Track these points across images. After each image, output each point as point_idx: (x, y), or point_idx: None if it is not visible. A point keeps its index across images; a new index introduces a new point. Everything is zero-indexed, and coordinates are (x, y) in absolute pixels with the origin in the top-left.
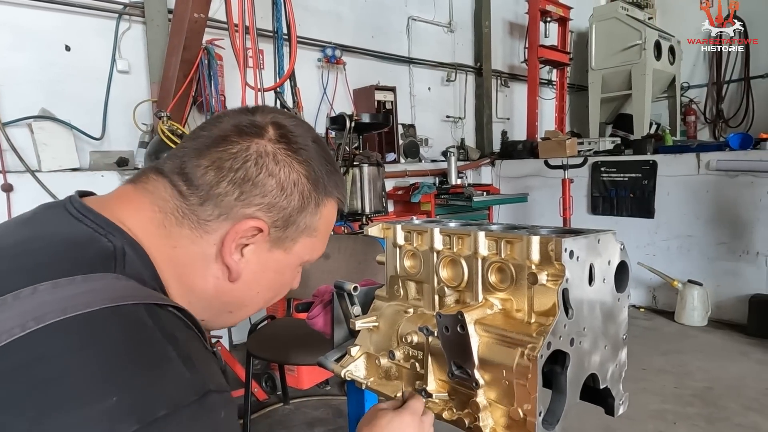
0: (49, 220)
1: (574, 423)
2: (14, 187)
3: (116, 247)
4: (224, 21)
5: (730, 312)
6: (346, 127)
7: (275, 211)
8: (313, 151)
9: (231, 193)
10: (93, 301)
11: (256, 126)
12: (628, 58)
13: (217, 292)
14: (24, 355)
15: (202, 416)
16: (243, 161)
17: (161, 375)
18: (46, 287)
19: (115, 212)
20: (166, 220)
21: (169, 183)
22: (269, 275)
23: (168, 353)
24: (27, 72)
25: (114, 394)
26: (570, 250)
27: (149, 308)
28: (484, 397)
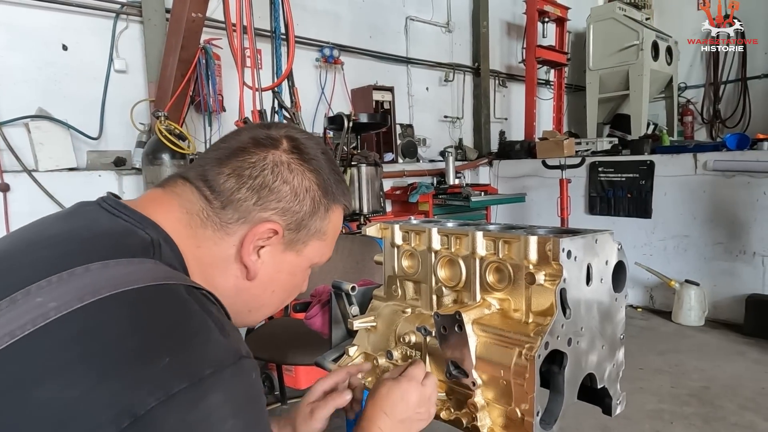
0: (88, 215)
1: (572, 423)
2: (11, 187)
3: (153, 238)
4: (222, 20)
5: (726, 312)
6: (344, 127)
7: (289, 215)
8: (323, 162)
9: (250, 199)
10: (140, 279)
11: (272, 138)
12: (625, 59)
13: (236, 290)
14: (84, 324)
15: (239, 376)
16: (261, 170)
17: (204, 341)
18: (96, 267)
19: (147, 211)
20: (192, 221)
21: (195, 188)
22: (283, 276)
23: (207, 323)
24: (24, 71)
25: (166, 356)
26: (567, 250)
27: (187, 288)
28: (481, 396)
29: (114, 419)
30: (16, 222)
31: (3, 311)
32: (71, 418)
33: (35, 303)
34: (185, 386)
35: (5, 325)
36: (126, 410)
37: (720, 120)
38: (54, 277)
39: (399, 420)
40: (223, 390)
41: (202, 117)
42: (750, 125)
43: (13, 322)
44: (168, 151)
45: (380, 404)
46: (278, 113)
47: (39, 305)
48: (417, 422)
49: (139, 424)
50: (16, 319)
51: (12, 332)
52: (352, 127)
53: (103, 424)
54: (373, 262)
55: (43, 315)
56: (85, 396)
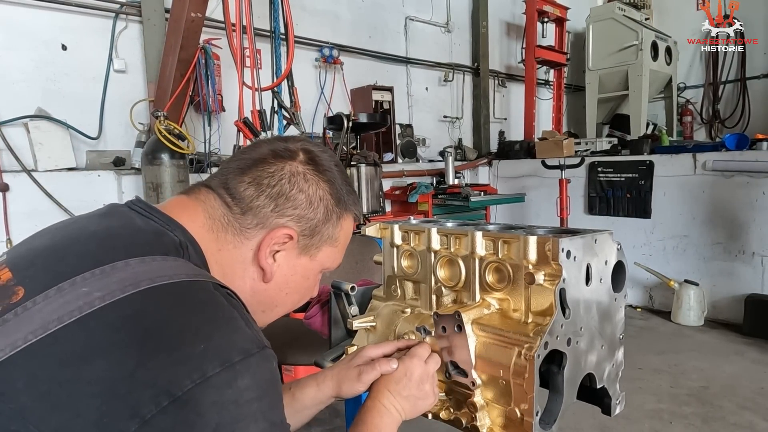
0: (123, 215)
1: (571, 422)
2: (10, 187)
3: (181, 240)
4: (221, 20)
5: (725, 312)
6: (344, 127)
7: (304, 222)
8: (336, 173)
9: (268, 206)
10: (175, 275)
11: (289, 150)
12: (624, 59)
13: (253, 291)
14: (126, 311)
15: (264, 363)
16: (278, 179)
17: (233, 330)
18: (135, 262)
19: (174, 215)
20: (214, 225)
21: (217, 195)
22: (297, 279)
23: (234, 315)
24: (23, 71)
25: (201, 342)
26: (567, 250)
27: (214, 285)
28: (481, 396)
29: (154, 398)
30: (15, 222)
31: (51, 299)
32: (116, 395)
33: (81, 292)
34: (218, 370)
35: (54, 312)
36: (165, 390)
37: (719, 120)
38: (97, 269)
39: (404, 396)
40: (250, 375)
41: (201, 117)
42: (749, 125)
43: (61, 309)
44: (167, 151)
45: (384, 381)
46: (278, 113)
47: (85, 294)
48: (421, 400)
49: (177, 403)
50: (63, 306)
51: (60, 318)
52: (351, 127)
53: (144, 402)
54: (372, 262)
55: (89, 303)
56: (129, 376)
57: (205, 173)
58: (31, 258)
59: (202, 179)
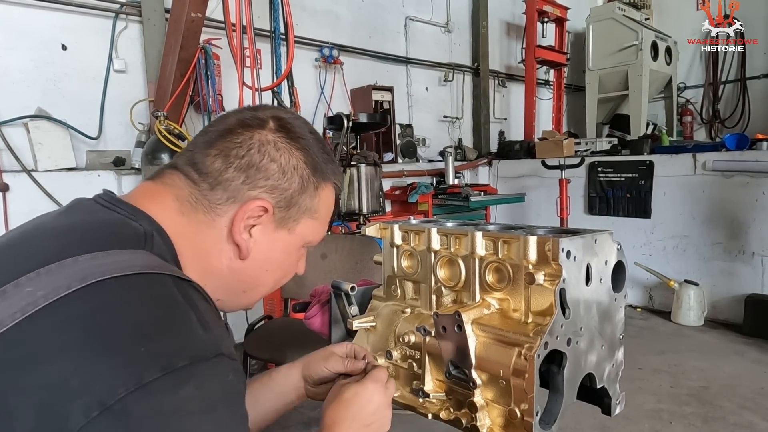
0: (85, 209)
1: (571, 422)
2: (10, 187)
3: (146, 230)
4: (221, 20)
5: (726, 312)
6: (344, 127)
7: (278, 192)
8: (311, 140)
9: (238, 178)
10: (127, 267)
11: (258, 119)
12: (624, 59)
13: (231, 271)
14: (69, 311)
15: (215, 373)
16: (247, 149)
17: (183, 333)
18: (86, 257)
19: (141, 204)
20: (183, 207)
21: (183, 174)
22: (276, 254)
23: (189, 316)
24: (23, 71)
25: (143, 345)
26: (567, 250)
27: (175, 279)
28: (481, 396)
29: (84, 408)
30: (15, 222)
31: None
32: (49, 406)
33: (25, 293)
34: (157, 376)
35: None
36: (96, 399)
37: (719, 120)
38: (43, 268)
39: (365, 425)
40: (195, 384)
41: (201, 117)
42: (749, 125)
43: (3, 312)
44: (167, 151)
45: (345, 408)
46: None
47: (28, 294)
48: (380, 428)
49: (108, 414)
50: (5, 309)
51: (2, 321)
52: (351, 127)
53: (75, 413)
54: (372, 262)
55: (33, 303)
56: (65, 384)
57: None
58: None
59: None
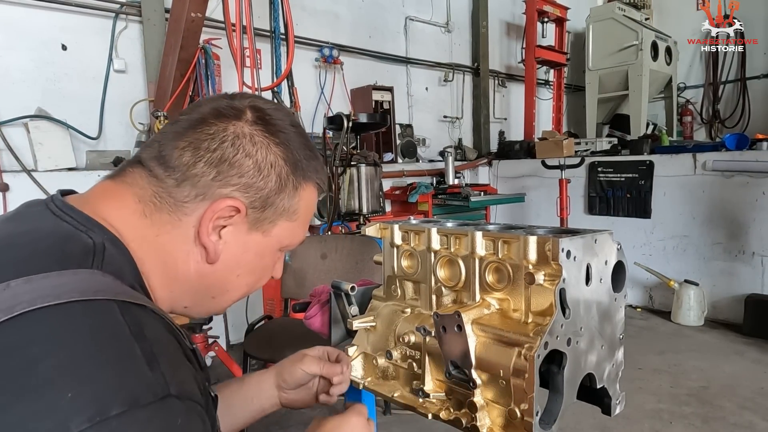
0: (30, 217)
1: (571, 423)
2: (10, 187)
3: (96, 242)
4: (221, 20)
5: (725, 312)
6: (344, 127)
7: (252, 192)
8: (292, 135)
9: (208, 174)
10: (63, 294)
11: (235, 109)
12: (624, 59)
13: (198, 275)
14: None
15: (156, 419)
16: (220, 141)
17: (122, 372)
18: (18, 283)
19: (96, 209)
20: (146, 208)
21: (146, 170)
22: (249, 257)
23: (133, 351)
24: (23, 71)
25: (70, 389)
26: (567, 250)
27: (122, 305)
28: (481, 396)
29: None
30: None
31: None
32: None
33: None
34: (85, 427)
35: None
36: None
37: (719, 120)
38: None
39: None
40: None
41: None
42: (749, 125)
43: None
44: None
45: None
46: None
47: None
48: None
49: None
50: None
51: None
52: (351, 127)
53: None
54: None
55: None
56: None
57: None
58: None
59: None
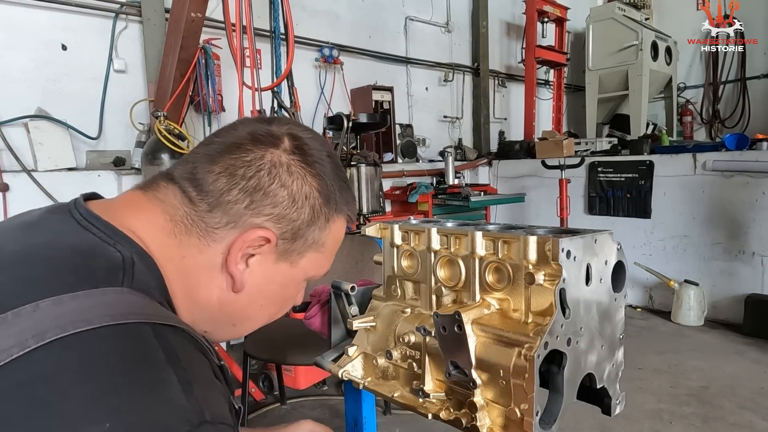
0: (53, 227)
1: (571, 422)
2: (10, 187)
3: (125, 257)
4: (221, 20)
5: (726, 312)
6: (344, 127)
7: (284, 223)
8: (328, 166)
9: (241, 201)
10: (94, 318)
11: (272, 135)
12: (624, 59)
13: (220, 303)
14: (22, 375)
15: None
16: (256, 170)
17: (157, 401)
18: (47, 304)
19: (124, 220)
20: (176, 228)
21: (179, 189)
22: (273, 288)
23: (168, 377)
24: (23, 71)
25: (107, 419)
26: (567, 250)
27: (155, 327)
28: (481, 396)
29: None
30: None
31: None
32: None
33: None
34: None
35: None
36: None
37: (719, 120)
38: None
39: None
40: None
41: (201, 117)
42: (749, 125)
43: None
44: (167, 151)
45: None
46: (278, 113)
47: None
48: None
49: None
50: None
51: None
52: (351, 127)
53: None
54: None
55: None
56: None
57: None
58: None
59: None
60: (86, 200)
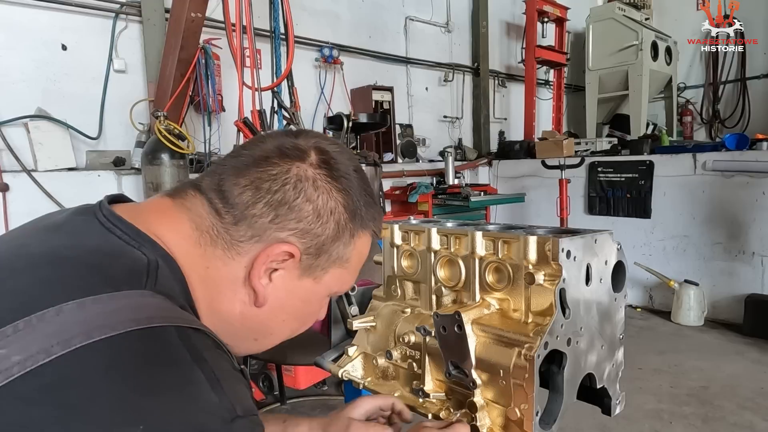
0: (77, 228)
1: (571, 423)
2: (10, 187)
3: (150, 259)
4: (221, 20)
5: (725, 312)
6: (344, 127)
7: (309, 238)
8: (354, 181)
9: (266, 215)
10: (118, 324)
11: (299, 149)
12: (624, 59)
13: (242, 317)
14: (49, 379)
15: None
16: (282, 183)
17: (189, 401)
18: (71, 308)
19: (150, 225)
20: (202, 238)
21: (206, 200)
22: (296, 303)
23: (196, 377)
24: (23, 71)
25: (140, 421)
26: (567, 250)
27: (179, 329)
28: (481, 397)
29: None
30: (15, 222)
31: None
32: None
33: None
34: None
35: None
36: None
37: (719, 120)
38: (21, 322)
39: None
40: None
41: (201, 117)
42: (749, 125)
43: None
44: (167, 151)
45: None
46: (278, 113)
47: (2, 358)
48: None
49: None
50: None
51: None
52: (351, 127)
53: None
54: (372, 262)
55: (6, 371)
56: None
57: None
58: None
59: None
60: (112, 202)
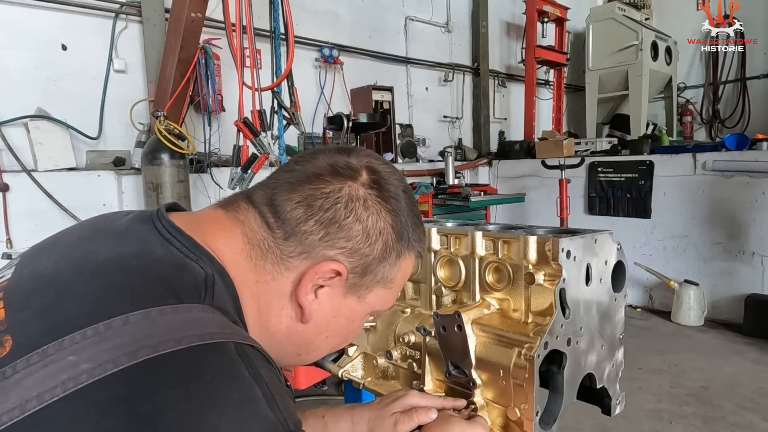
0: (140, 236)
1: (571, 422)
2: (10, 187)
3: (207, 274)
4: (221, 20)
5: (725, 312)
6: (344, 127)
7: (356, 257)
8: (403, 202)
9: (316, 233)
10: (183, 339)
11: (351, 168)
12: (624, 59)
13: (288, 332)
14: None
15: None
16: (334, 202)
17: (249, 417)
18: (137, 318)
19: (206, 238)
20: (253, 252)
21: (259, 214)
22: (340, 321)
23: (254, 393)
24: (23, 71)
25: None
26: (567, 250)
27: (237, 345)
28: (481, 396)
29: None
30: (15, 222)
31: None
32: None
33: (67, 362)
34: None
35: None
36: None
37: (719, 120)
38: (89, 329)
39: None
40: None
41: (201, 117)
42: (749, 125)
43: (42, 384)
44: (167, 151)
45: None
46: (278, 113)
47: (71, 365)
48: None
49: None
50: (45, 380)
51: (41, 396)
52: (351, 127)
53: None
54: None
55: (75, 378)
56: None
57: (205, 173)
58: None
59: (202, 179)
60: (168, 211)
